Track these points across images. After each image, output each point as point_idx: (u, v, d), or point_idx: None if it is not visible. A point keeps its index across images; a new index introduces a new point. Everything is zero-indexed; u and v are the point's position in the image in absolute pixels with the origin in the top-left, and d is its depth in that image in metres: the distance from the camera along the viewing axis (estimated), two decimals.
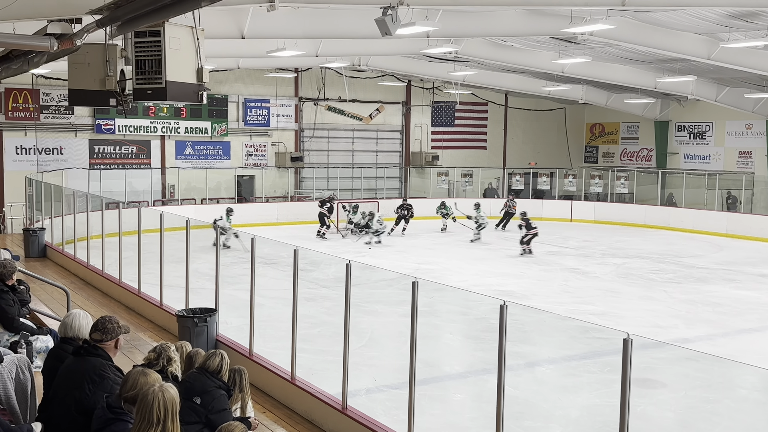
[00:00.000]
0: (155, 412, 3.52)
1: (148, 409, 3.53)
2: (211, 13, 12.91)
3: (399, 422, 6.50)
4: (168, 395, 3.59)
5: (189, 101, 6.62)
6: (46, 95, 23.27)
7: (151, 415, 3.52)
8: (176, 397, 3.65)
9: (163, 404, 3.55)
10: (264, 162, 27.73)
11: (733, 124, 28.82)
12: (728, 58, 18.68)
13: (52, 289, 11.34)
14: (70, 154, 23.90)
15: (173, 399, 3.61)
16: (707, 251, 21.36)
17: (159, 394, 3.57)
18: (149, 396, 3.57)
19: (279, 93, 27.68)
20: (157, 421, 3.51)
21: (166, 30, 6.26)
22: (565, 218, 27.97)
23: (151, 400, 3.55)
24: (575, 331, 11.59)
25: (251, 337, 8.58)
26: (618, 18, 15.82)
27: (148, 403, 3.55)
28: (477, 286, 14.80)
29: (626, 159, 33.22)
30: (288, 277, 7.77)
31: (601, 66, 23.03)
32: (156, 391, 3.59)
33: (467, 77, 26.07)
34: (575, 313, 13.18)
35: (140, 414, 3.56)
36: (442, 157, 31.00)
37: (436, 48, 18.87)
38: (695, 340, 11.67)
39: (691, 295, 15.21)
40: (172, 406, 3.58)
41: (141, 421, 3.54)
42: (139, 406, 3.61)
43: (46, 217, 18.09)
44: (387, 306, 13.17)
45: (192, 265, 10.31)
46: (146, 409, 3.54)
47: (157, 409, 3.53)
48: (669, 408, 8.93)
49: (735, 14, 15.44)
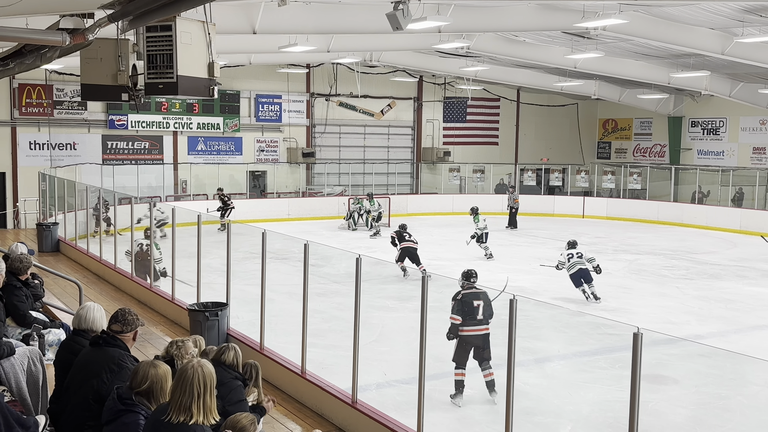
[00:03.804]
0: (195, 386, 3.66)
1: (188, 383, 3.66)
2: (223, 8, 12.96)
3: (409, 417, 6.51)
4: (207, 370, 3.75)
5: (200, 96, 6.63)
6: (60, 91, 23.41)
7: (192, 388, 3.65)
8: (213, 372, 3.79)
9: (202, 378, 3.69)
10: (276, 158, 27.78)
11: (747, 120, 28.58)
12: (742, 53, 18.52)
13: (65, 283, 11.42)
14: (83, 149, 24.03)
15: (211, 374, 3.76)
16: (720, 248, 21.22)
17: (198, 369, 3.72)
18: (189, 371, 3.71)
19: (291, 89, 27.72)
20: (197, 395, 3.65)
21: (177, 24, 6.27)
22: (578, 214, 27.86)
23: (191, 374, 3.69)
24: (586, 327, 11.55)
25: (262, 332, 8.62)
26: (631, 12, 15.72)
27: (188, 377, 3.68)
28: (488, 282, 14.75)
29: (639, 155, 33.03)
30: (299, 272, 7.79)
31: (613, 61, 22.90)
32: (195, 365, 3.74)
33: (479, 73, 26.00)
34: (587, 308, 13.15)
35: (180, 388, 3.68)
36: (454, 153, 30.94)
37: (448, 43, 18.82)
38: (707, 336, 11.61)
39: (703, 292, 15.13)
40: (211, 380, 3.75)
41: (181, 394, 3.66)
42: (177, 380, 3.74)
43: (59, 212, 18.21)
44: (398, 301, 13.18)
45: (203, 260, 10.36)
46: (186, 383, 3.67)
47: (197, 383, 3.67)
48: (681, 404, 8.89)
49: (749, 9, 15.29)
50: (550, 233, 23.23)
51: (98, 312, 5.23)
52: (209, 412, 3.67)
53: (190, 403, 3.61)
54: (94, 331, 5.02)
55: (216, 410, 3.75)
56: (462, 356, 8.44)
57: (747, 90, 25.75)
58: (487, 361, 8.46)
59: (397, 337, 11.03)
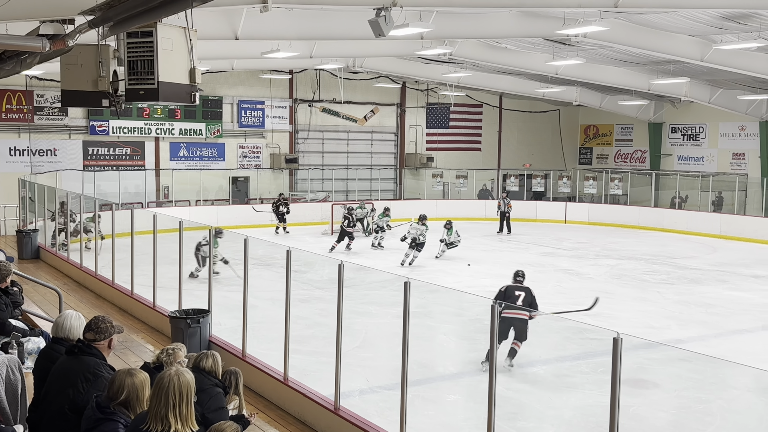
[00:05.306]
0: (171, 395, 3.61)
1: (164, 393, 3.62)
2: (205, 14, 12.92)
3: (392, 423, 6.50)
4: (183, 379, 3.69)
5: (181, 102, 6.61)
6: (40, 96, 23.22)
7: (167, 398, 3.60)
8: (192, 382, 3.74)
9: (177, 387, 3.64)
10: (258, 163, 27.71)
11: (726, 126, 28.91)
12: (721, 59, 18.74)
13: (45, 290, 11.31)
14: (64, 155, 23.84)
15: (188, 383, 3.70)
16: (700, 252, 21.42)
17: (175, 378, 3.66)
18: (165, 380, 3.66)
19: (273, 94, 27.68)
20: (173, 405, 3.60)
21: (158, 30, 6.26)
22: (560, 220, 28.02)
23: (167, 383, 3.64)
24: (568, 332, 11.61)
25: (244, 338, 8.58)
26: (611, 20, 15.86)
27: (164, 386, 3.63)
28: (471, 287, 14.80)
29: (620, 161, 33.30)
30: (282, 278, 7.77)
31: (594, 68, 23.08)
32: (172, 374, 3.69)
33: (461, 79, 26.10)
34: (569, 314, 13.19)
35: (156, 397, 3.64)
36: (437, 158, 31.03)
37: (430, 49, 18.89)
38: (688, 340, 11.70)
39: (684, 296, 15.25)
40: (188, 389, 3.68)
41: (157, 403, 3.62)
42: (154, 389, 3.70)
43: (40, 219, 18.04)
44: (381, 307, 13.17)
45: (186, 266, 10.31)
46: (161, 392, 3.62)
47: (173, 393, 3.62)
48: (661, 408, 8.95)
49: (728, 16, 15.49)
50: (532, 238, 23.36)
51: (75, 320, 5.17)
52: (186, 421, 3.63)
53: (166, 412, 3.57)
54: (71, 340, 4.97)
55: (194, 419, 3.71)
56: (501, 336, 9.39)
57: (726, 96, 26.04)
58: (520, 340, 9.72)
59: (381, 343, 11.02)
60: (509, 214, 24.89)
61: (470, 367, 10.09)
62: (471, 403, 8.54)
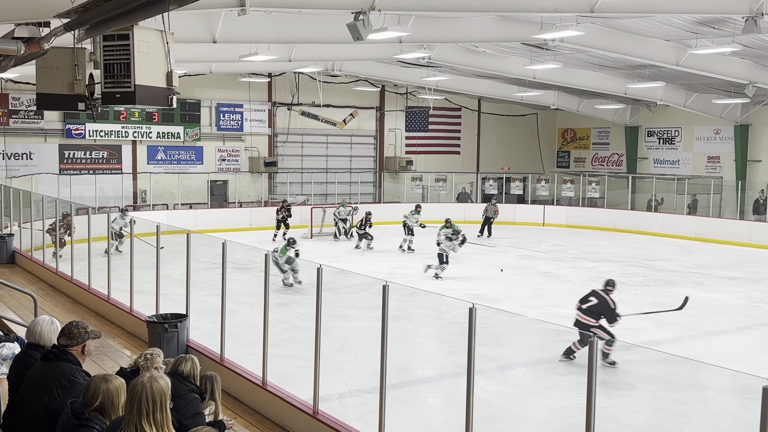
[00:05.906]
0: (144, 402, 3.51)
1: (137, 399, 3.53)
2: (182, 17, 12.85)
3: (371, 426, 6.51)
4: (157, 386, 3.58)
5: (158, 105, 6.59)
6: (15, 100, 22.98)
7: (140, 405, 3.51)
8: (166, 388, 3.63)
9: (151, 394, 3.54)
10: (237, 167, 27.61)
11: (701, 130, 29.26)
12: (696, 64, 18.99)
13: (20, 295, 11.18)
14: (40, 159, 23.60)
15: (162, 389, 3.59)
16: (676, 255, 21.65)
17: (148, 384, 3.56)
18: (138, 386, 3.56)
19: (252, 98, 27.60)
20: (146, 412, 3.51)
21: (135, 33, 6.23)
22: (538, 222, 28.19)
23: (140, 390, 3.54)
24: (547, 334, 11.69)
25: (222, 343, 8.54)
26: (588, 24, 16.01)
27: (137, 393, 3.54)
28: (450, 290, 14.86)
29: (597, 164, 33.59)
30: (261, 282, 7.75)
31: (571, 72, 23.28)
32: (145, 381, 3.58)
33: (440, 83, 26.21)
34: (547, 316, 13.27)
35: (129, 404, 3.56)
36: (416, 162, 31.10)
37: (409, 53, 18.95)
38: (664, 342, 11.81)
39: (660, 298, 15.38)
40: (161, 396, 3.57)
41: (130, 410, 3.54)
42: (128, 396, 3.61)
43: (15, 223, 17.82)
44: (361, 311, 13.16)
45: (164, 270, 10.22)
46: (134, 399, 3.54)
47: (146, 400, 3.52)
48: (638, 409, 9.03)
49: (702, 21, 15.70)
50: (511, 241, 23.47)
51: (48, 325, 5.10)
52: (162, 428, 3.58)
53: (140, 419, 3.51)
54: (44, 346, 4.92)
55: (170, 425, 3.68)
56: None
57: (701, 100, 26.37)
58: (585, 344, 9.89)
59: (360, 347, 11.02)
60: (493, 219, 24.97)
61: (449, 370, 10.12)
62: (450, 405, 8.57)
